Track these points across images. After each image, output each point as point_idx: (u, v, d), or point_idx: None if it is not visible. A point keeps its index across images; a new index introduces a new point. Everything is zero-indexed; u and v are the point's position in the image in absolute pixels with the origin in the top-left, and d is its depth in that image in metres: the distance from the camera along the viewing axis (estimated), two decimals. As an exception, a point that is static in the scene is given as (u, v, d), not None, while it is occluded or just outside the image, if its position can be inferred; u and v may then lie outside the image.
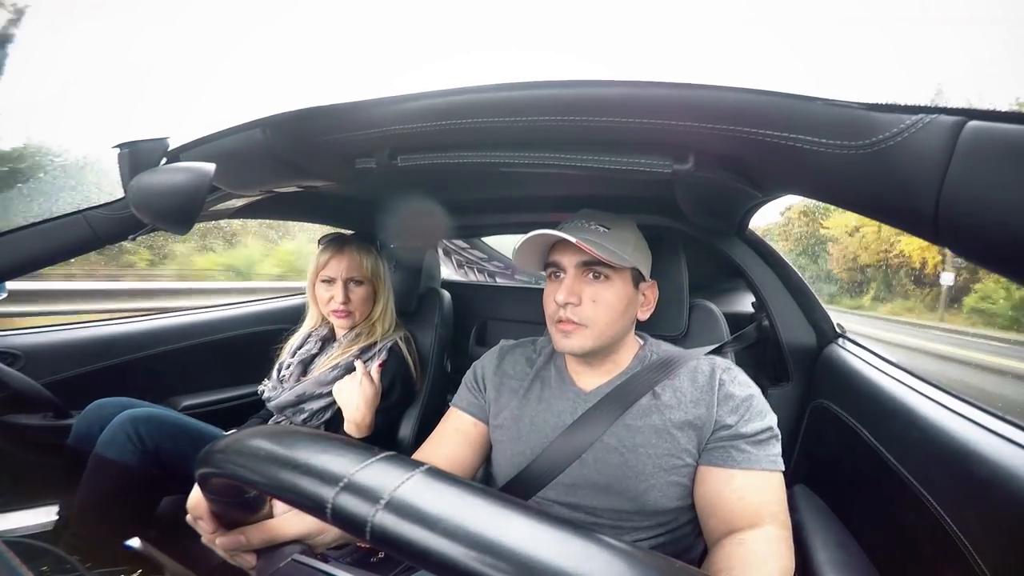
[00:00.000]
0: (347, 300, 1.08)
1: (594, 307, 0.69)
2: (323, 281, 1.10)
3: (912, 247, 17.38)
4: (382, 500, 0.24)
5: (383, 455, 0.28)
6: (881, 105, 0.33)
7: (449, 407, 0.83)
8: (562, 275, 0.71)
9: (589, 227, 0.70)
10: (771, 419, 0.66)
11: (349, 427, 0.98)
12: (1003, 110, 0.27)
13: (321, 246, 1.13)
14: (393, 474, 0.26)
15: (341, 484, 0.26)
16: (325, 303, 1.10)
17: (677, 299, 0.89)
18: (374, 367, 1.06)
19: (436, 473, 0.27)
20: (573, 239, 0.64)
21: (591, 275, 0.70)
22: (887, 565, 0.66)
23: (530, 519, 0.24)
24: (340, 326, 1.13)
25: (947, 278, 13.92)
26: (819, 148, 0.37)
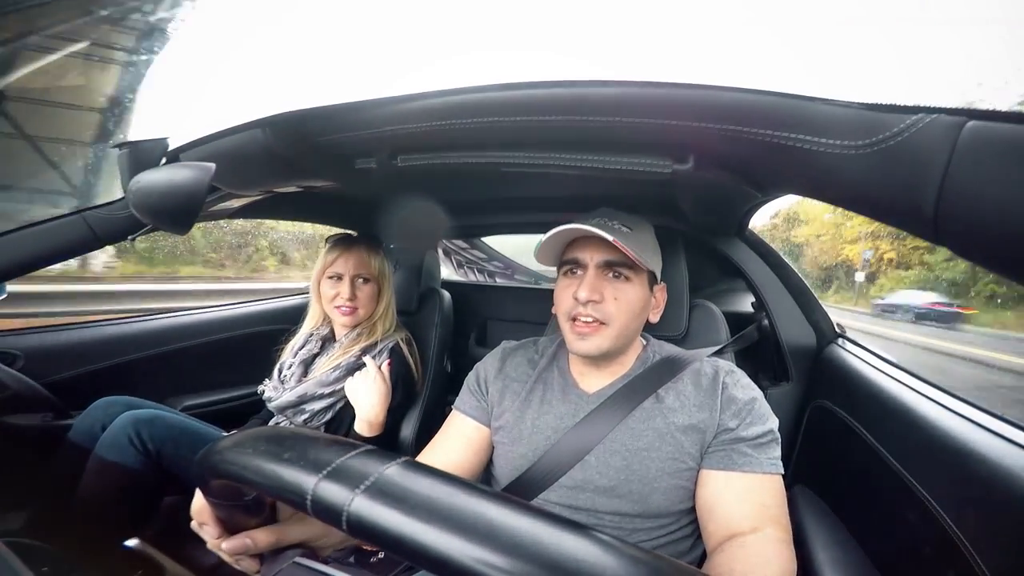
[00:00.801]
0: (353, 297, 1.08)
1: (616, 305, 0.68)
2: (329, 278, 1.10)
3: (854, 252, 22.65)
4: (357, 490, 0.25)
5: (362, 449, 0.29)
6: (881, 105, 0.33)
7: (451, 410, 0.83)
8: (580, 272, 0.70)
9: (613, 226, 0.69)
10: (772, 422, 0.66)
11: (361, 426, 0.98)
12: (1003, 110, 0.27)
13: (329, 244, 1.14)
14: (369, 466, 0.27)
15: (320, 476, 0.27)
16: (330, 300, 1.10)
17: (677, 299, 0.89)
18: (384, 365, 1.06)
19: (412, 465, 0.28)
20: (610, 237, 0.63)
21: (611, 275, 0.69)
22: (887, 565, 0.66)
23: (508, 508, 0.24)
24: (342, 324, 1.13)
25: (859, 276, 21.06)
26: (819, 148, 0.37)
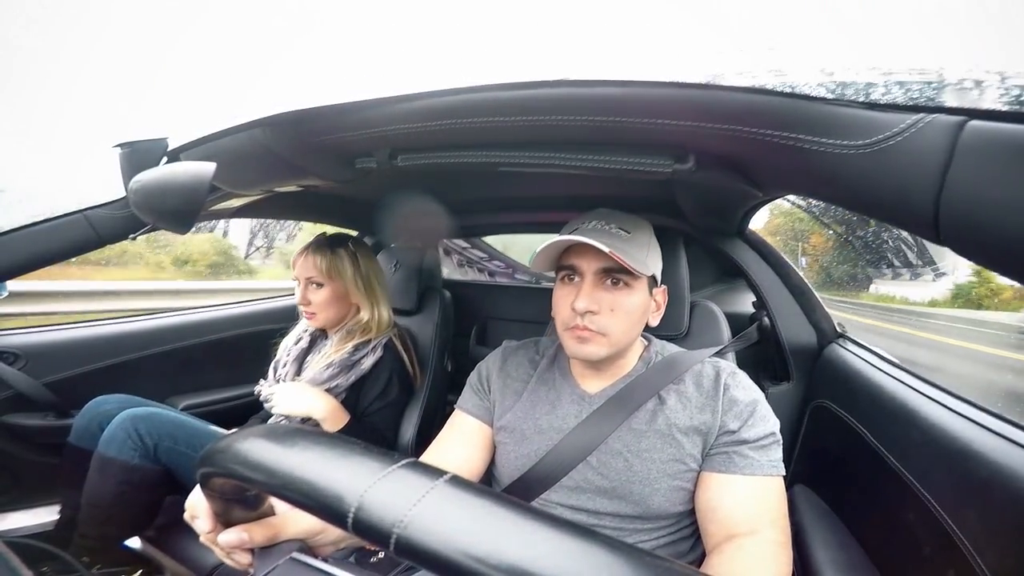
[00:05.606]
0: (305, 301, 1.09)
1: (612, 316, 0.66)
2: (294, 280, 1.12)
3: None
4: (407, 512, 0.24)
5: (404, 462, 0.27)
6: (882, 104, 0.33)
7: (453, 409, 0.83)
8: (577, 279, 0.68)
9: (610, 230, 0.67)
10: (774, 424, 0.65)
11: (326, 427, 0.99)
12: (1004, 109, 0.27)
13: None
14: (416, 484, 0.25)
15: (362, 493, 0.25)
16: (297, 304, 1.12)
17: (678, 299, 0.89)
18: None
19: (459, 482, 0.26)
20: (606, 248, 0.61)
21: (609, 281, 0.67)
22: (887, 565, 0.66)
23: (559, 532, 0.23)
24: (313, 325, 1.14)
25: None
26: (819, 148, 0.37)
